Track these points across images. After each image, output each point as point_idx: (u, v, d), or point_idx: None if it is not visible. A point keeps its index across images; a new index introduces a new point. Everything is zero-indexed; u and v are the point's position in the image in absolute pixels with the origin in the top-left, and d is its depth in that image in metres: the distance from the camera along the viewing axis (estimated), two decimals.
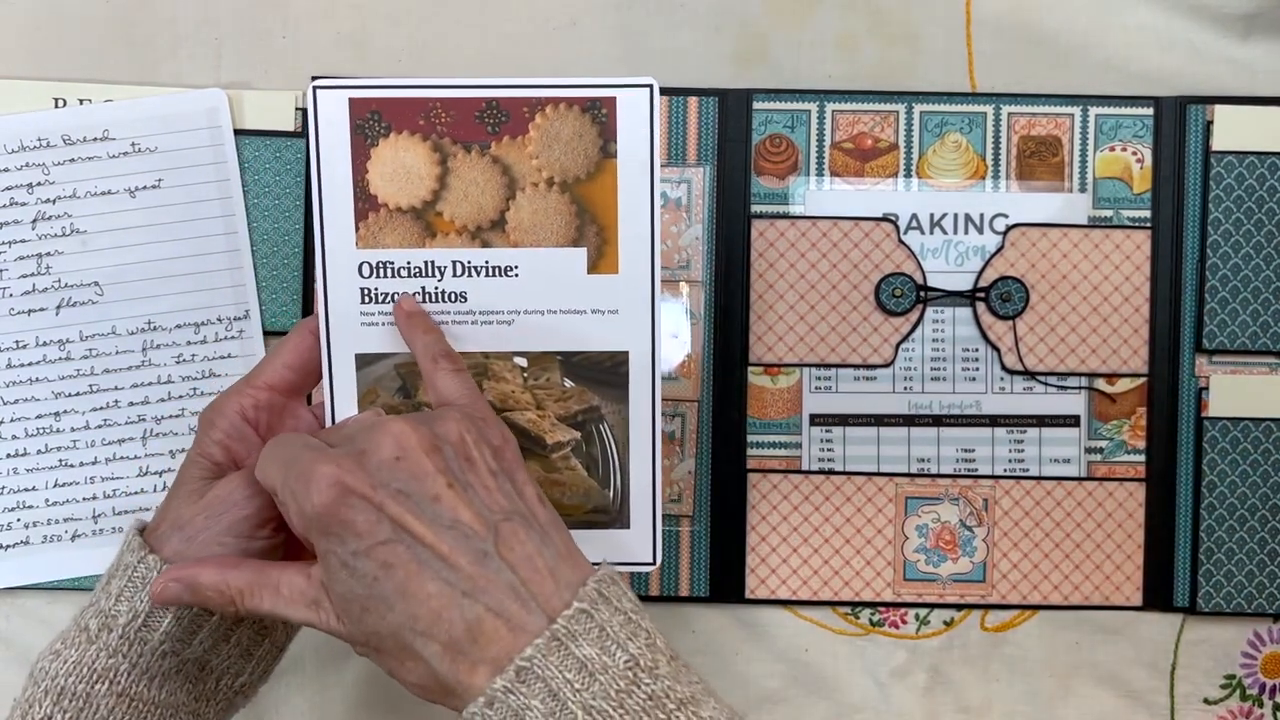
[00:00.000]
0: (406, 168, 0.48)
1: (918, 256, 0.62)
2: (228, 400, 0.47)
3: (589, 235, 0.48)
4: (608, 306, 0.48)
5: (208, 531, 0.44)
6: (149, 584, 0.43)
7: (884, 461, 0.63)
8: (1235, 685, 0.63)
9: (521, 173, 0.48)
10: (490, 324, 0.48)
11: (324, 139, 0.47)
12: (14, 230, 0.60)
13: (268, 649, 0.48)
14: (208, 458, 0.46)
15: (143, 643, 0.44)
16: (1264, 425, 0.62)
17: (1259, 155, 0.62)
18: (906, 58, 0.63)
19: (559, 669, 0.35)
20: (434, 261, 0.48)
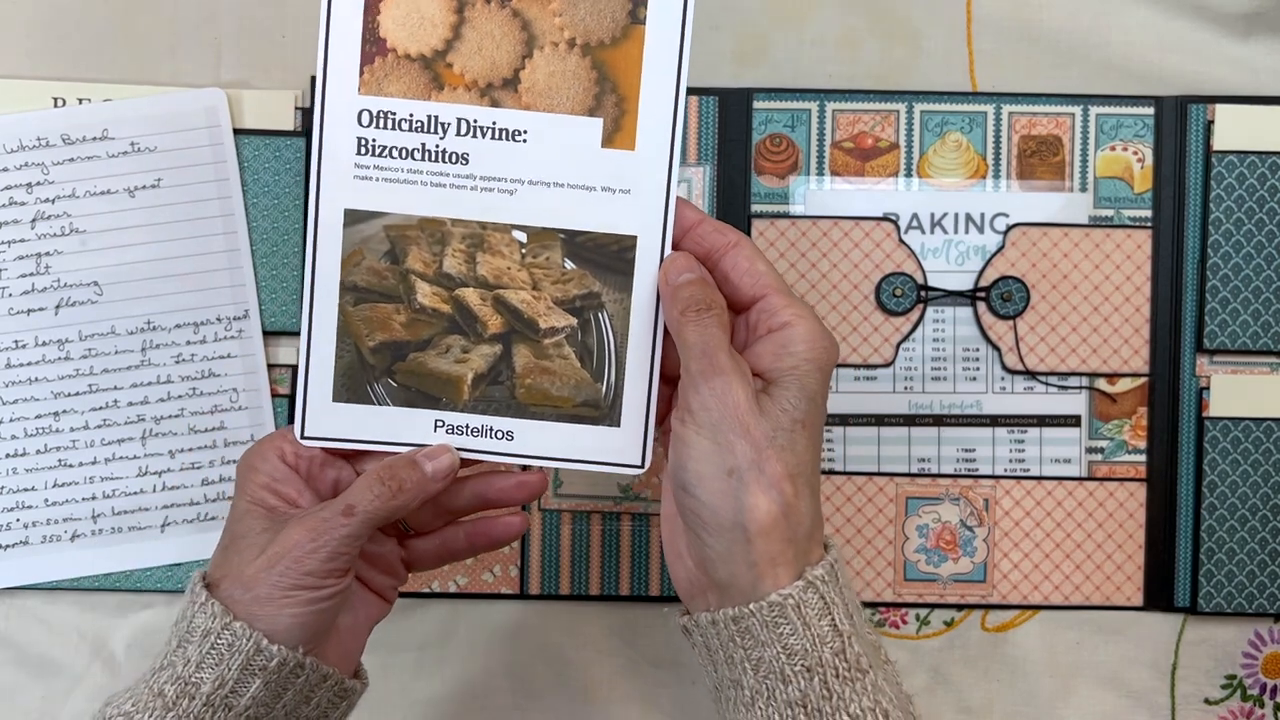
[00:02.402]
0: (421, 12, 0.45)
1: (918, 256, 0.62)
2: (268, 445, 0.47)
3: (607, 105, 0.44)
4: (620, 185, 0.45)
5: (276, 588, 0.44)
6: (236, 650, 0.43)
7: (884, 461, 0.63)
8: (1236, 685, 0.63)
9: (542, 30, 0.44)
10: (491, 191, 0.45)
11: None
12: (13, 230, 0.60)
13: (344, 710, 0.48)
14: (261, 504, 0.46)
15: (228, 708, 0.43)
16: (1265, 425, 0.62)
17: (1260, 155, 0.62)
18: (907, 57, 0.63)
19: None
20: (438, 116, 0.44)
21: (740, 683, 0.42)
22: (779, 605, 0.41)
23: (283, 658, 0.43)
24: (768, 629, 0.41)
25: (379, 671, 0.62)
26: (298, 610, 0.44)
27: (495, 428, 0.47)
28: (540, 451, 0.47)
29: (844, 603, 0.42)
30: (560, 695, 0.62)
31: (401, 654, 0.62)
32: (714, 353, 0.43)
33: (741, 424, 0.42)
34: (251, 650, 0.43)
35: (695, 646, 0.45)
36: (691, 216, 0.46)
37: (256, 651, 0.43)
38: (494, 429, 0.47)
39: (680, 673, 0.62)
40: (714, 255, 0.45)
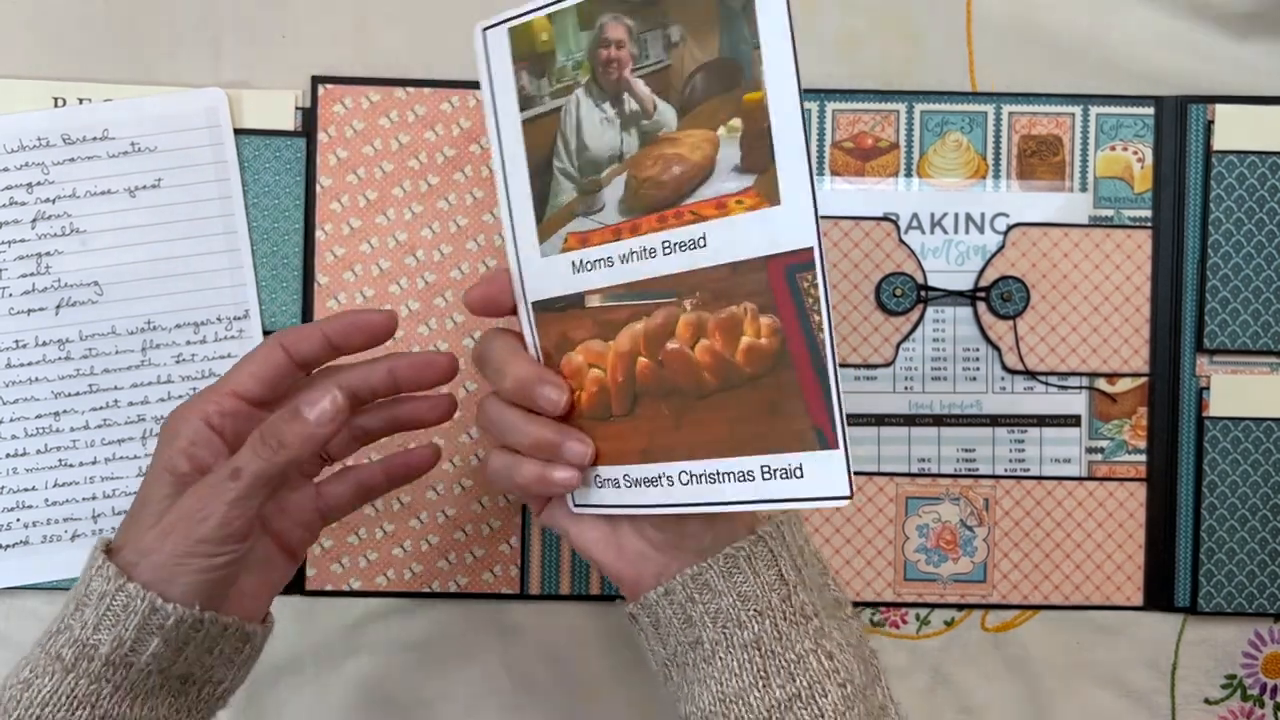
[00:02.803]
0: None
1: (918, 256, 0.62)
2: (192, 407, 0.46)
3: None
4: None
5: (170, 555, 0.44)
6: (132, 610, 0.43)
7: (884, 461, 0.63)
8: (1236, 685, 0.63)
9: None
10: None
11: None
12: (13, 230, 0.60)
13: (248, 654, 0.48)
14: (171, 470, 0.45)
15: (128, 666, 0.43)
16: (1265, 425, 0.62)
17: (1260, 155, 0.62)
18: (907, 57, 0.63)
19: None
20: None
21: (700, 640, 0.45)
22: (732, 557, 0.45)
23: (179, 615, 0.43)
24: (724, 578, 0.45)
25: (379, 671, 0.62)
26: (192, 577, 0.44)
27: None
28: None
29: (790, 557, 0.46)
30: (560, 695, 0.62)
31: (401, 654, 0.62)
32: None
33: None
34: (147, 610, 0.43)
35: (643, 629, 0.47)
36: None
37: (152, 611, 0.43)
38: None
39: None
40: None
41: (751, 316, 0.43)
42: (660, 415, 0.45)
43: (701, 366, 0.44)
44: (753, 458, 0.43)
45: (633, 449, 0.46)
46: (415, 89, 0.62)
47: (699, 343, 0.44)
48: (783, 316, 0.42)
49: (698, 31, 0.43)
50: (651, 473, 0.45)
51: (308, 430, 0.45)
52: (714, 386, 0.44)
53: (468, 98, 0.62)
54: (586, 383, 0.46)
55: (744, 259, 0.42)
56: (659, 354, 0.45)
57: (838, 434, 0.41)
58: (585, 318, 0.46)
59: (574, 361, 0.46)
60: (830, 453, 0.41)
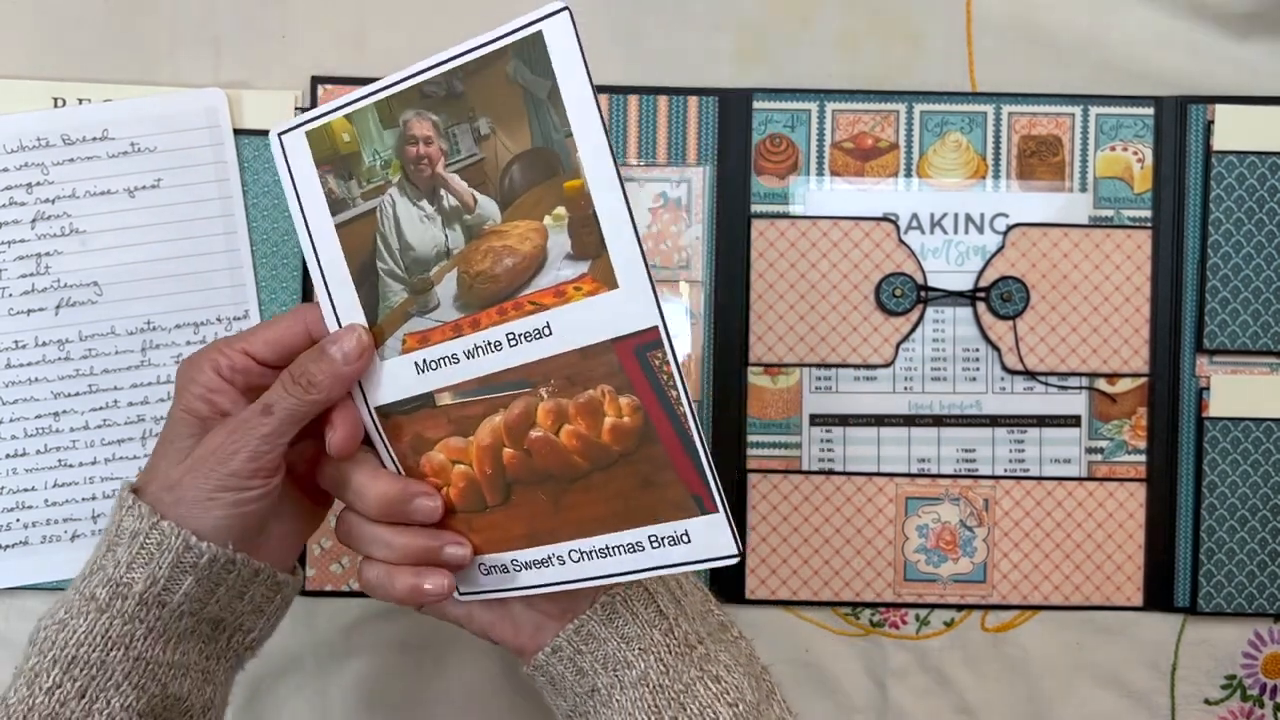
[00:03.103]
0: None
1: (918, 256, 0.62)
2: (205, 356, 0.46)
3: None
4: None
5: (200, 489, 0.44)
6: (166, 548, 0.43)
7: (884, 462, 0.63)
8: (1236, 685, 0.63)
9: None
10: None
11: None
12: (13, 230, 0.60)
13: (279, 605, 0.48)
14: (192, 413, 0.46)
15: (161, 605, 0.44)
16: (1265, 425, 0.62)
17: (1260, 155, 0.62)
18: (907, 57, 0.63)
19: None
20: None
21: (595, 688, 0.46)
22: (609, 603, 0.46)
23: (213, 554, 0.44)
24: (605, 625, 0.46)
25: (379, 671, 0.62)
26: (223, 512, 0.44)
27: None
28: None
29: (668, 591, 0.47)
30: None
31: (401, 654, 0.62)
32: None
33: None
34: (180, 547, 0.43)
35: (543, 689, 0.48)
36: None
37: (186, 549, 0.43)
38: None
39: None
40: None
41: (610, 398, 0.44)
42: (538, 500, 0.46)
43: (570, 450, 0.45)
44: (638, 529, 0.44)
45: (515, 535, 0.46)
46: None
47: (563, 428, 0.45)
48: (640, 395, 0.43)
49: (506, 123, 0.43)
50: (539, 555, 0.46)
51: (335, 369, 0.45)
52: (585, 468, 0.44)
53: None
54: (454, 478, 0.46)
55: (591, 343, 0.43)
56: (524, 443, 0.45)
57: (714, 498, 0.43)
58: (439, 416, 0.46)
59: (436, 460, 0.46)
60: (711, 517, 0.43)
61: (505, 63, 0.43)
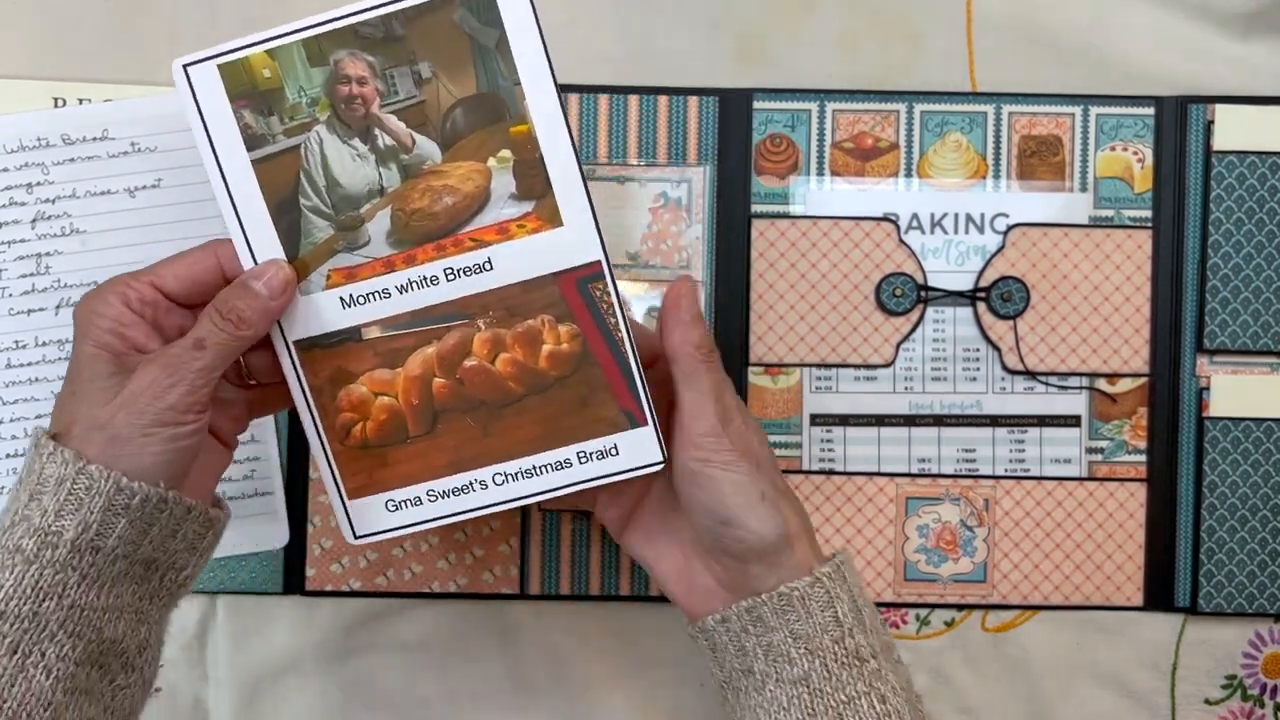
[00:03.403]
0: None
1: (918, 256, 0.62)
2: (109, 289, 0.45)
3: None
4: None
5: (133, 426, 0.43)
6: (95, 493, 0.42)
7: (884, 461, 0.63)
8: (1236, 686, 0.63)
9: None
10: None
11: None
12: (13, 230, 0.60)
13: (210, 540, 0.47)
14: (105, 349, 0.44)
15: (95, 551, 0.43)
16: (1265, 425, 0.62)
17: (1260, 155, 0.62)
18: (907, 57, 0.63)
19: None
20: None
21: (752, 669, 0.47)
22: (786, 595, 0.46)
23: (145, 494, 0.43)
24: (777, 615, 0.46)
25: (379, 671, 0.62)
26: (159, 448, 0.43)
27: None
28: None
29: (850, 599, 0.47)
30: (560, 695, 0.62)
31: (402, 654, 0.62)
32: (724, 395, 0.48)
33: (753, 453, 0.48)
34: (111, 490, 0.42)
35: (702, 649, 0.50)
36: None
37: (117, 491, 0.42)
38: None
39: (680, 672, 0.62)
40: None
41: (549, 326, 0.47)
42: (466, 428, 0.48)
43: (505, 377, 0.47)
44: (567, 447, 0.47)
45: (437, 464, 0.48)
46: None
47: (499, 356, 0.47)
48: (580, 323, 0.47)
49: (450, 68, 0.45)
50: (460, 482, 0.48)
51: (262, 303, 0.45)
52: (519, 394, 0.47)
53: None
54: (375, 410, 0.48)
55: (533, 277, 0.46)
56: (457, 372, 0.47)
57: (646, 413, 0.47)
58: (364, 349, 0.47)
59: (356, 393, 0.47)
60: (641, 429, 0.47)
61: (451, 10, 0.44)
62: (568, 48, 0.62)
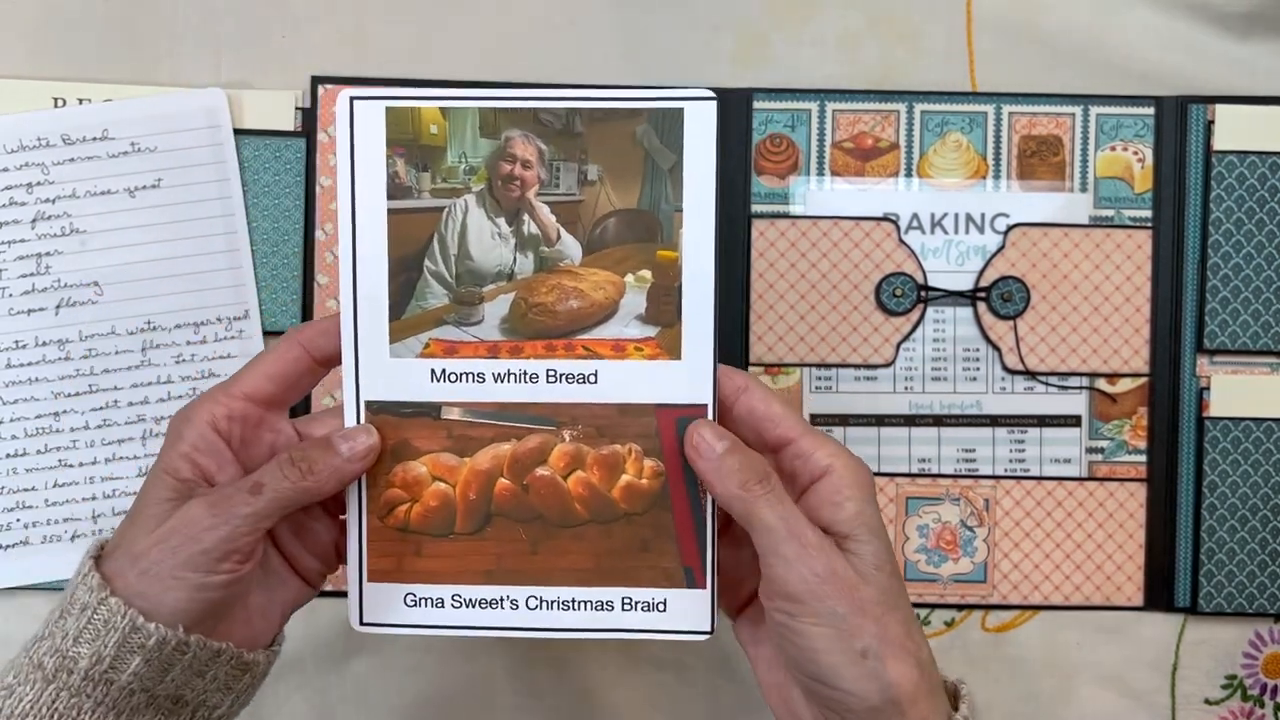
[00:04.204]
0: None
1: (918, 256, 0.62)
2: (198, 409, 0.43)
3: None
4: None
5: (164, 565, 0.41)
6: (112, 627, 0.40)
7: (885, 461, 0.63)
8: (1236, 685, 0.63)
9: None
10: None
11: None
12: (13, 230, 0.60)
13: (248, 682, 0.45)
14: (173, 474, 0.42)
15: (108, 683, 0.41)
16: (1265, 425, 0.62)
17: (1260, 155, 0.62)
18: (907, 57, 0.63)
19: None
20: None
21: None
22: None
23: (161, 636, 0.40)
24: None
25: (379, 671, 0.62)
26: (184, 594, 0.41)
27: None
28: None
29: None
30: (560, 695, 0.62)
31: (402, 654, 0.62)
32: (800, 529, 0.41)
33: (856, 600, 0.40)
34: (127, 628, 0.40)
35: None
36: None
37: (133, 629, 0.40)
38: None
39: (680, 673, 0.62)
40: (726, 402, 0.44)
41: (635, 457, 0.44)
42: (515, 539, 0.45)
43: (573, 497, 0.44)
44: (614, 589, 0.44)
45: (473, 569, 0.45)
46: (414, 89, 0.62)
47: (574, 473, 0.44)
48: (667, 463, 0.44)
49: (617, 177, 0.44)
50: (492, 594, 0.45)
51: (337, 463, 0.43)
52: (582, 518, 0.44)
53: None
54: (427, 495, 0.45)
55: (633, 402, 0.44)
56: (525, 478, 0.45)
57: (707, 575, 0.44)
58: (438, 429, 0.45)
59: (414, 471, 0.45)
60: (698, 591, 0.44)
61: (636, 123, 0.43)
62: (568, 48, 0.62)
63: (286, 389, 0.45)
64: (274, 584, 0.45)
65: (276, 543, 0.45)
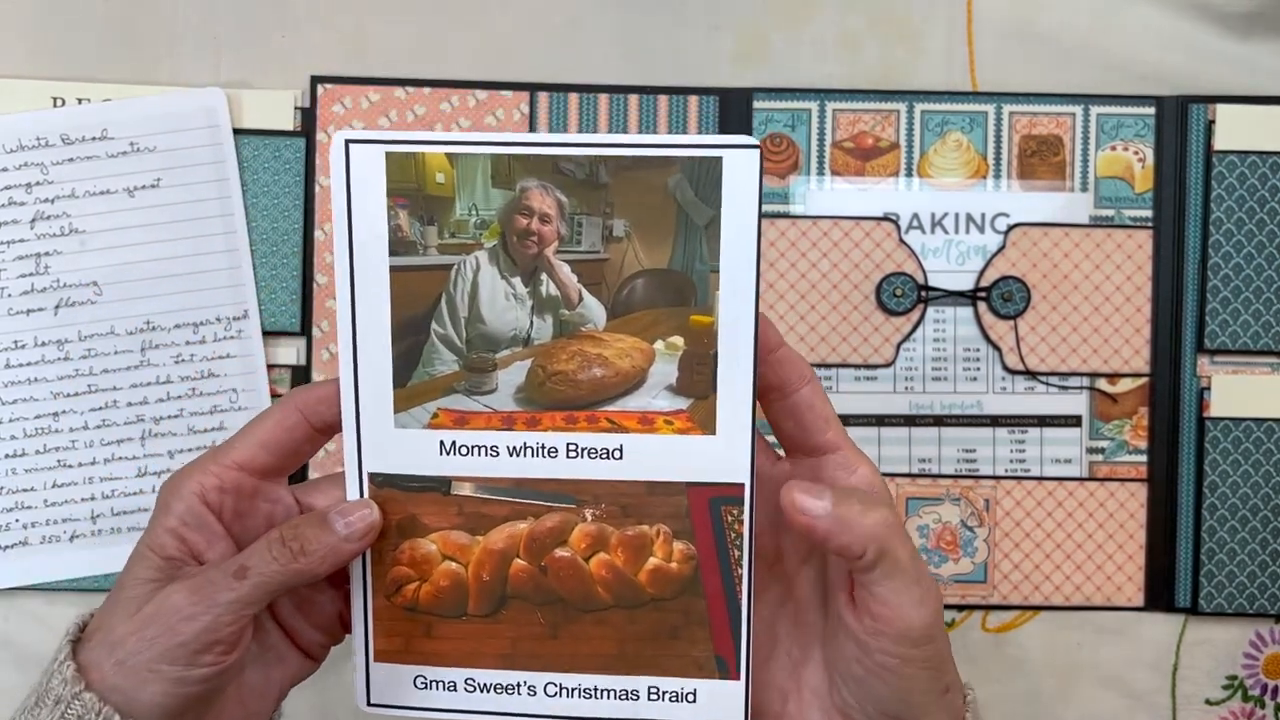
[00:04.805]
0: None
1: (919, 256, 0.62)
2: (187, 479, 0.40)
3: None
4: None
5: (141, 656, 0.37)
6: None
7: (885, 462, 0.63)
8: (1237, 686, 0.63)
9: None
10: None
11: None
12: (12, 230, 0.60)
13: None
14: (158, 551, 0.39)
15: None
16: (1266, 425, 0.62)
17: (1261, 155, 0.62)
18: (907, 57, 0.63)
19: None
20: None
21: None
22: None
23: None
24: None
25: None
26: (161, 688, 0.37)
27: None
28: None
29: None
30: None
31: None
32: (925, 568, 0.39)
33: (935, 643, 0.39)
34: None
35: None
36: (773, 338, 0.42)
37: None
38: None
39: None
40: (786, 388, 0.41)
41: (664, 539, 0.41)
42: (533, 623, 0.41)
43: (596, 580, 0.41)
44: (641, 678, 0.41)
45: (488, 653, 0.42)
46: (414, 89, 0.62)
47: (596, 555, 0.41)
48: (700, 546, 0.40)
49: (646, 234, 0.39)
50: (508, 680, 0.42)
51: (333, 541, 0.39)
52: (605, 603, 0.41)
53: (467, 98, 0.62)
54: (436, 574, 0.41)
55: (662, 480, 0.40)
56: (543, 559, 0.41)
57: (741, 666, 0.40)
58: (448, 505, 0.41)
59: (422, 549, 0.41)
60: (730, 683, 0.41)
61: (668, 173, 0.39)
62: (568, 48, 0.62)
63: (283, 458, 0.41)
64: (271, 660, 0.42)
65: (275, 616, 0.42)
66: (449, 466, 0.41)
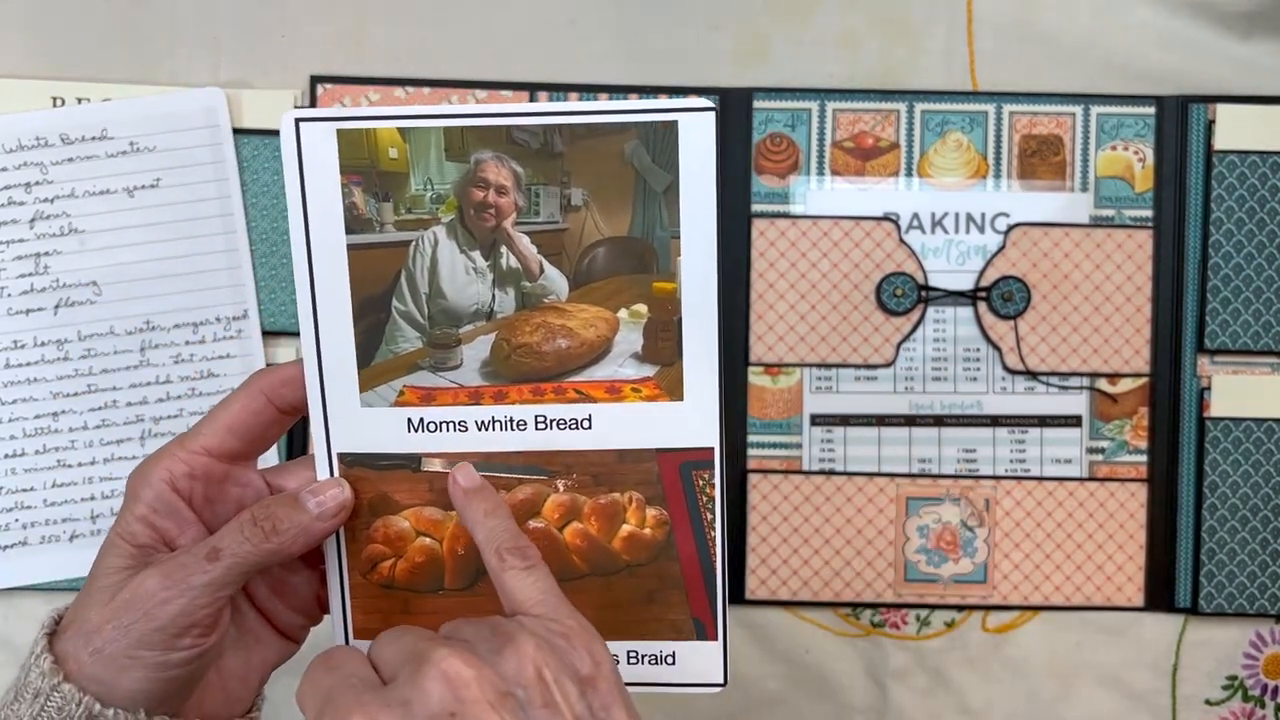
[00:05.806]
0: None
1: (919, 256, 0.62)
2: (155, 467, 0.39)
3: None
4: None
5: (117, 644, 0.37)
6: (67, 715, 0.37)
7: (885, 462, 0.62)
8: (1237, 686, 0.63)
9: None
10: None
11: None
12: (12, 230, 0.60)
13: None
14: (129, 540, 0.39)
15: None
16: (1266, 425, 0.62)
17: (1261, 154, 0.62)
18: (908, 56, 0.63)
19: None
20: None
21: None
22: None
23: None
24: None
25: None
26: (141, 674, 0.37)
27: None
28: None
29: None
30: None
31: None
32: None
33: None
34: (83, 716, 0.37)
35: None
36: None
37: (90, 717, 0.37)
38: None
39: None
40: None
41: (636, 506, 0.41)
42: None
43: (571, 550, 0.41)
44: (619, 643, 0.42)
45: None
46: (414, 89, 0.62)
47: (570, 525, 0.41)
48: (672, 511, 0.41)
49: (605, 202, 0.39)
50: None
51: (305, 520, 0.39)
52: (582, 571, 0.41)
53: (467, 97, 0.62)
54: (411, 550, 0.41)
55: (632, 448, 0.41)
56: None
57: (718, 626, 0.41)
58: (419, 482, 0.41)
59: (396, 526, 0.41)
60: (707, 644, 0.41)
61: (624, 139, 0.38)
62: (568, 48, 0.62)
63: (250, 442, 0.41)
64: (250, 644, 0.42)
65: (252, 599, 0.42)
66: (418, 443, 0.41)
